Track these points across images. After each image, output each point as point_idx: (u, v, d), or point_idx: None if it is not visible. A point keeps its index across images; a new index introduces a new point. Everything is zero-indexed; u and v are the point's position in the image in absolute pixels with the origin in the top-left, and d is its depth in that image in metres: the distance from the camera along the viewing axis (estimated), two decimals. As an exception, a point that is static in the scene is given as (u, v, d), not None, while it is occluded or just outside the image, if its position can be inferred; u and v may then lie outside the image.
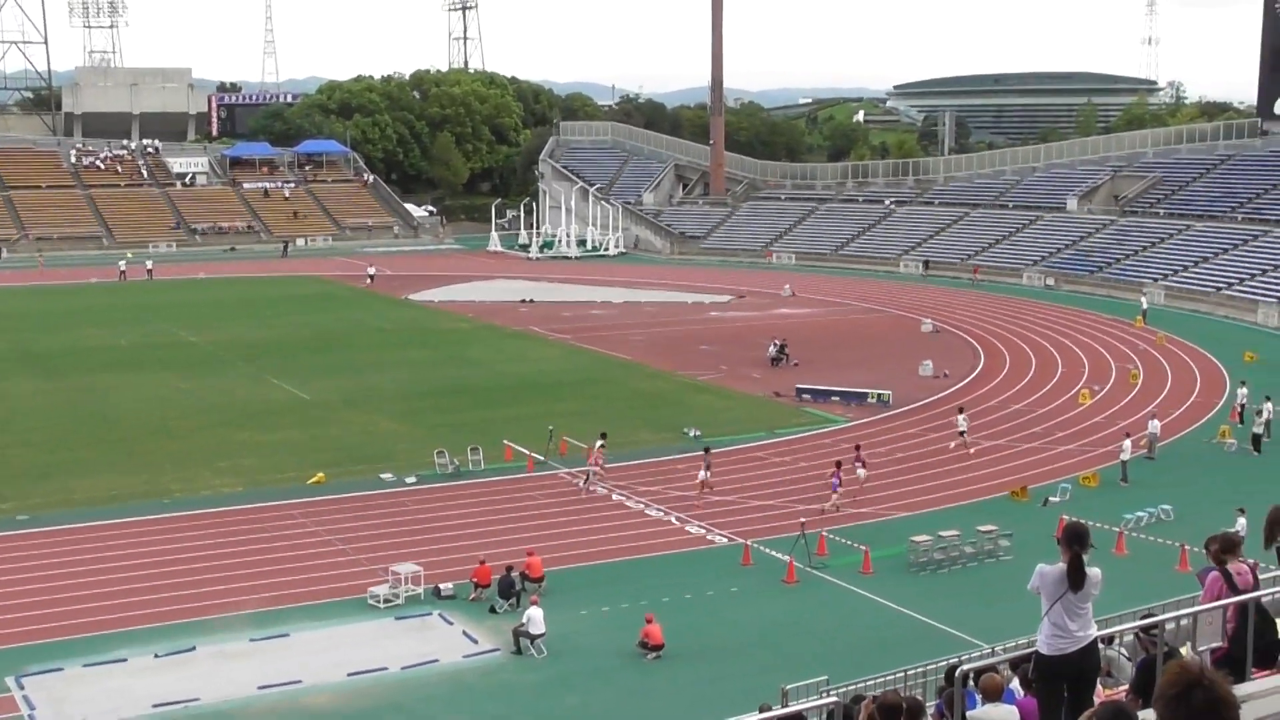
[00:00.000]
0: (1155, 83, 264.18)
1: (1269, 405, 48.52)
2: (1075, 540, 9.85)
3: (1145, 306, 78.39)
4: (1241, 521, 33.69)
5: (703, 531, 38.22)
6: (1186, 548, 34.36)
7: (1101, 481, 43.22)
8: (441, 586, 33.10)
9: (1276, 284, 79.92)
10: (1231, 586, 10.84)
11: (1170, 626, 11.41)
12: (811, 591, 33.59)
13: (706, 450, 43.43)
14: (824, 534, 36.58)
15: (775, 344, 65.19)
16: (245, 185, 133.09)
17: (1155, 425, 47.41)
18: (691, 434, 49.16)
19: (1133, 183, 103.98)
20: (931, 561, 35.14)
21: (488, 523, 39.01)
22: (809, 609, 32.51)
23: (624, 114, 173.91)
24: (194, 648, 29.75)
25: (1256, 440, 47.46)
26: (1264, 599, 10.91)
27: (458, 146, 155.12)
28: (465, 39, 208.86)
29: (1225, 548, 11.41)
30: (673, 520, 39.27)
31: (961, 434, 47.96)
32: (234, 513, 39.84)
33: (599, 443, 43.21)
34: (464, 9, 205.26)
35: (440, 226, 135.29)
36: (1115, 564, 32.94)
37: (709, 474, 41.86)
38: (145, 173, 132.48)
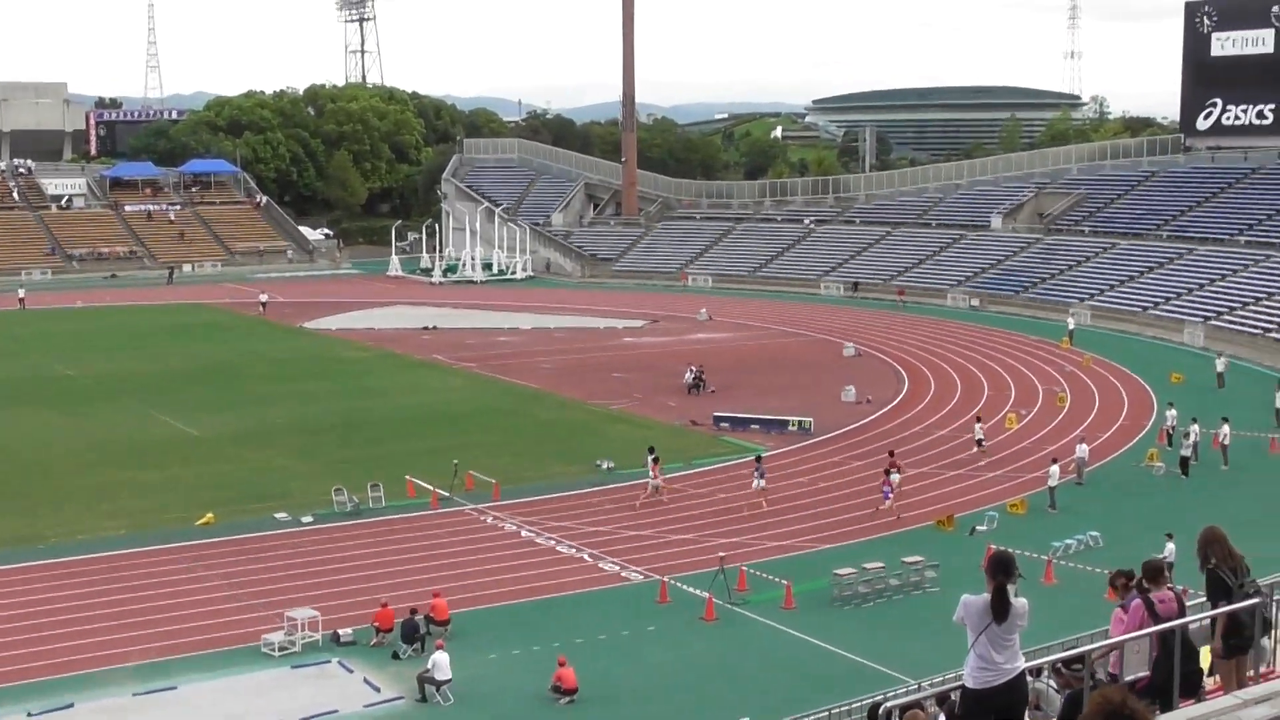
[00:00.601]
0: (1079, 97, 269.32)
1: (1196, 428, 49.50)
2: (999, 570, 9.99)
3: (1072, 327, 79.62)
4: (1170, 546, 34.37)
5: (617, 568, 38.19)
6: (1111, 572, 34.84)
7: (1030, 508, 43.78)
8: (341, 632, 32.79)
9: (1202, 303, 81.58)
10: (1153, 615, 11.05)
11: (1098, 658, 11.56)
12: (732, 629, 33.67)
13: (759, 459, 46.83)
14: (744, 568, 36.69)
15: (692, 370, 65.41)
16: (127, 208, 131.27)
17: (1083, 449, 48.16)
18: (604, 466, 49.17)
19: (1057, 200, 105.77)
20: (856, 595, 35.36)
21: (390, 563, 38.72)
22: (729, 647, 32.58)
23: (531, 130, 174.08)
24: (72, 705, 29.17)
25: (1185, 463, 48.38)
26: (1190, 627, 11.12)
27: (355, 165, 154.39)
28: (363, 52, 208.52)
29: (1149, 575, 11.64)
30: (585, 557, 39.21)
31: (979, 442, 51.36)
32: (116, 557, 39.20)
33: (651, 458, 45.69)
34: (361, 20, 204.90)
35: (337, 250, 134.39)
36: (1044, 593, 33.37)
37: (764, 481, 44.63)
38: (17, 195, 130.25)
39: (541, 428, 57.34)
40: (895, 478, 44.64)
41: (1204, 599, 12.40)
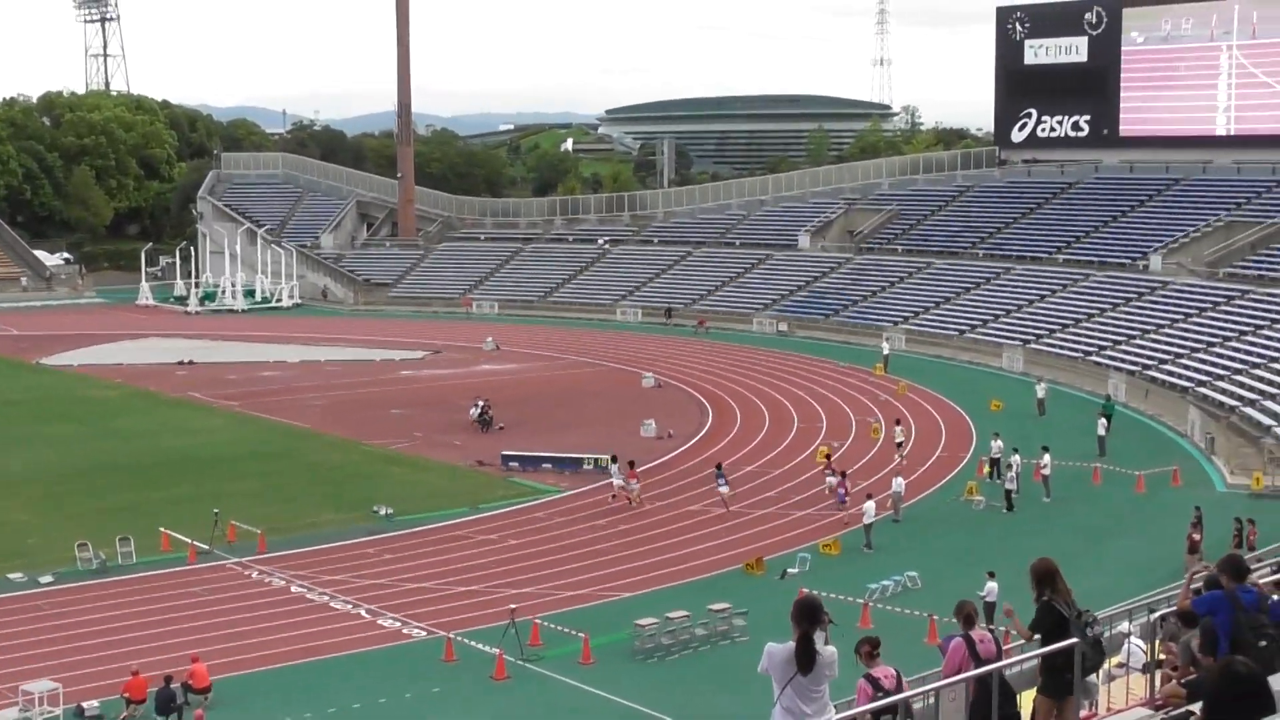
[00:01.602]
0: (889, 107, 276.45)
1: (1017, 458, 50.87)
2: (804, 617, 10.12)
3: (887, 352, 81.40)
4: (991, 585, 35.33)
5: (397, 625, 37.86)
6: (935, 618, 35.68)
7: (844, 549, 44.57)
8: (85, 705, 31.91)
9: (1020, 325, 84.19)
10: (974, 656, 11.36)
11: (918, 706, 11.82)
12: (525, 687, 33.60)
13: (719, 466, 51.69)
14: (537, 621, 36.66)
15: (478, 405, 65.26)
16: None
17: (899, 484, 49.21)
18: (382, 512, 48.76)
19: (868, 217, 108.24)
20: (659, 647, 35.57)
21: (142, 626, 37.83)
22: (522, 708, 32.51)
23: (297, 143, 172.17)
24: None
25: (1009, 496, 49.69)
26: (1007, 670, 11.44)
27: (99, 182, 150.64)
28: (106, 56, 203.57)
29: (965, 619, 11.99)
30: (362, 613, 38.79)
31: (899, 444, 56.91)
32: None
33: (615, 466, 51.81)
34: (103, 20, 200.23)
35: (79, 277, 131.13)
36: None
37: (729, 490, 49.63)
38: None
39: (312, 471, 56.69)
40: (831, 480, 50.56)
41: (1019, 642, 12.78)
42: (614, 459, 53.05)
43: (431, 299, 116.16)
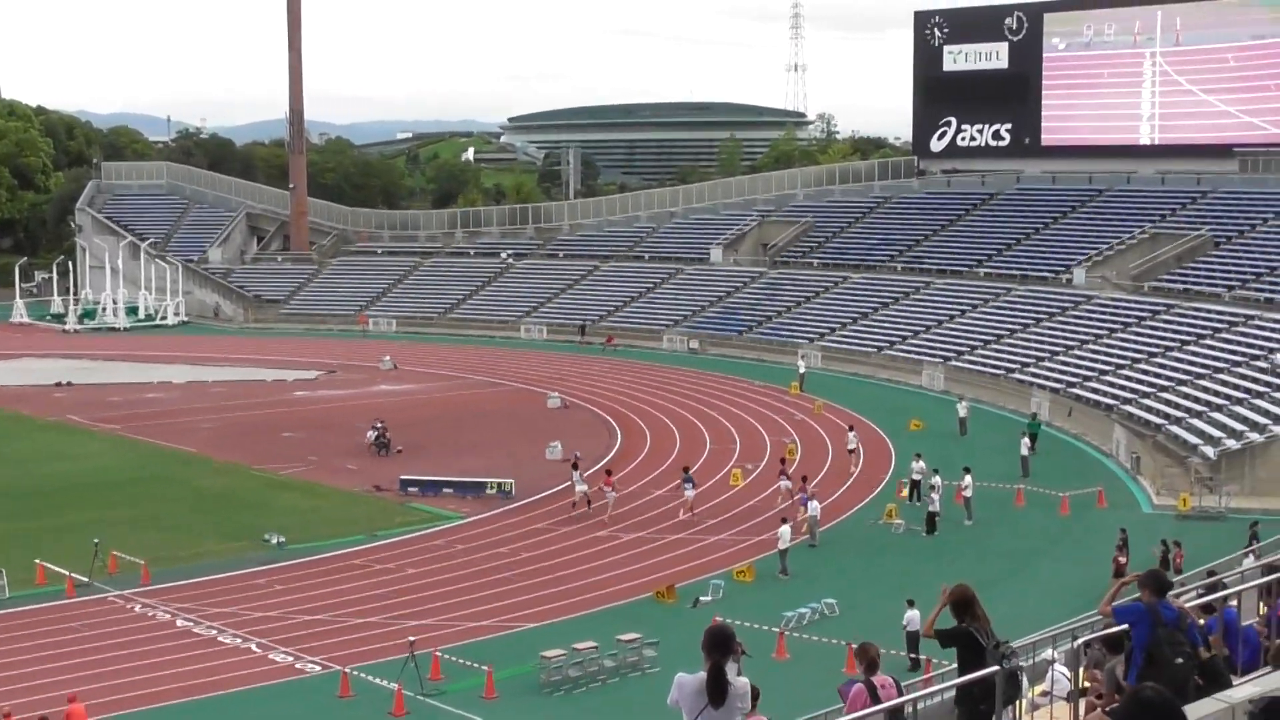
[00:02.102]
0: (804, 115, 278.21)
1: (938, 479, 51.26)
2: (715, 647, 10.14)
3: (803, 370, 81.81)
4: (912, 614, 35.54)
5: (290, 659, 37.58)
6: (853, 646, 35.84)
7: (758, 575, 44.73)
8: (-45, 749, 31.39)
9: (941, 342, 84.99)
10: (876, 702, 11.47)
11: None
12: (425, 725, 33.46)
13: (686, 470, 54.64)
14: (438, 654, 36.51)
15: (375, 428, 64.96)
16: None
17: (815, 507, 49.37)
18: (274, 541, 48.45)
19: (782, 229, 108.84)
20: (566, 680, 35.54)
21: (15, 664, 37.29)
22: (422, 746, 32.34)
23: (183, 152, 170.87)
24: None
25: (931, 520, 50.02)
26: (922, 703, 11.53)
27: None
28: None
29: (866, 664, 12.12)
30: (253, 647, 38.47)
31: (851, 450, 60.53)
32: None
33: (576, 473, 53.40)
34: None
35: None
36: (776, 670, 34.14)
37: (694, 492, 52.28)
38: None
39: (199, 498, 56.23)
40: (785, 484, 53.56)
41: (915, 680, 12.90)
42: (575, 464, 54.72)
43: (326, 316, 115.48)
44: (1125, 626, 12.25)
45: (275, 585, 44.12)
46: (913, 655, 34.80)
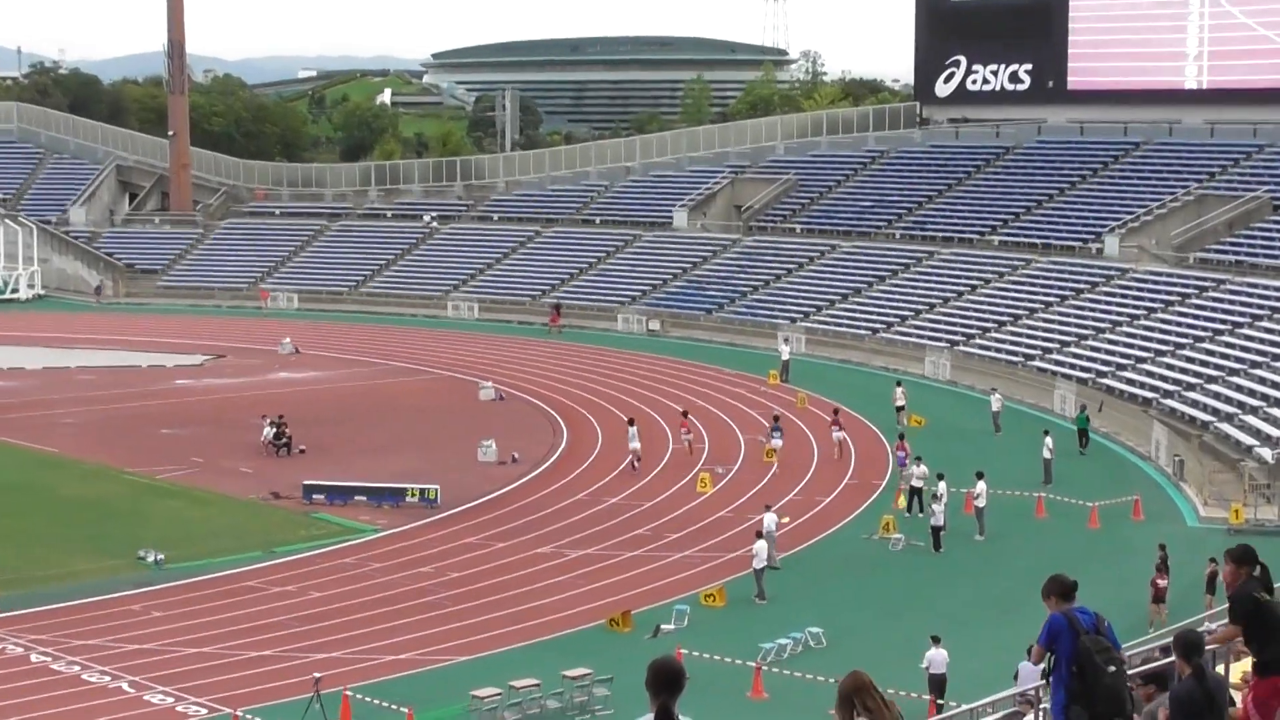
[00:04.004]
0: (786, 52, 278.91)
1: (944, 486, 51.06)
2: (663, 685, 10.10)
3: (786, 357, 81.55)
4: (935, 654, 35.26)
5: (170, 700, 37.49)
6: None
7: (730, 599, 44.71)
8: None
9: (947, 323, 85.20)
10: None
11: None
12: (332, 777, 33.50)
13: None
14: (348, 692, 36.47)
15: (272, 423, 64.82)
16: None
17: (771, 520, 47.73)
18: (151, 559, 48.29)
19: (760, 188, 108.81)
20: (502, 724, 35.61)
21: None
22: (329, 803, 32.37)
23: (37, 91, 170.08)
24: None
25: (936, 534, 49.96)
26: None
27: None
28: None
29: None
30: (124, 687, 38.36)
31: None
32: None
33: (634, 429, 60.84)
34: None
35: None
36: (751, 711, 34.21)
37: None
38: None
39: (60, 507, 56.02)
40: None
41: None
42: (631, 421, 62.70)
43: (213, 289, 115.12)
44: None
45: (152, 612, 43.93)
46: (938, 700, 34.29)
